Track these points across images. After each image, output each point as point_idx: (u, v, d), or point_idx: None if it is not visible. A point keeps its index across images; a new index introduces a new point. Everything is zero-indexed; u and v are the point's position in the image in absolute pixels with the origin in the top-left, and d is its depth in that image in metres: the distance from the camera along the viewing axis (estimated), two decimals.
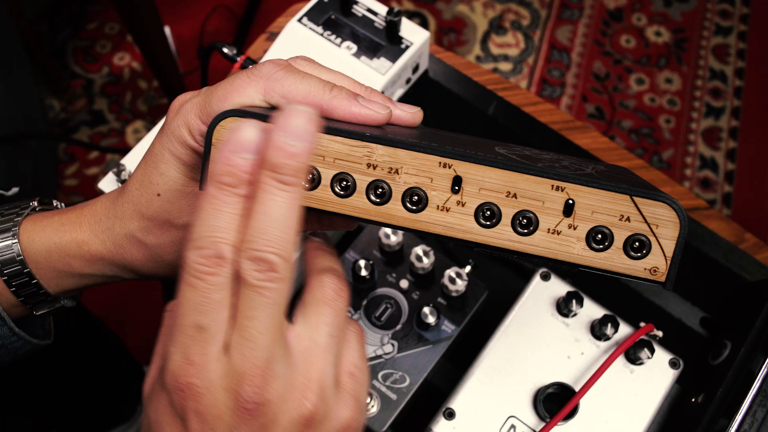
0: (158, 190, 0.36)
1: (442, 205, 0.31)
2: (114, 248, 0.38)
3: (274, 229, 0.27)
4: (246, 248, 0.27)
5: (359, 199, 0.31)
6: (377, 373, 0.54)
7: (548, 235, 0.30)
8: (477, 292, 0.58)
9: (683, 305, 0.63)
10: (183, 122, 0.34)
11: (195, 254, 0.27)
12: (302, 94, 0.33)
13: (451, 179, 0.30)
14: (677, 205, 0.29)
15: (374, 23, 0.66)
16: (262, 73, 0.33)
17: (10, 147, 0.93)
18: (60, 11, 1.79)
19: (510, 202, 0.30)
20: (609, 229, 0.30)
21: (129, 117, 1.68)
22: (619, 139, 1.65)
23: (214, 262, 0.27)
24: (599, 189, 0.29)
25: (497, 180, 0.30)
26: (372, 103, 0.34)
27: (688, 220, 0.29)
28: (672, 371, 0.53)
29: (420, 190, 0.31)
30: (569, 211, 0.30)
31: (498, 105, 0.73)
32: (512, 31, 1.81)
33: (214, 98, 0.33)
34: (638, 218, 0.29)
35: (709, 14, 1.85)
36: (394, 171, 0.31)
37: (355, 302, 0.58)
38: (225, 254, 0.27)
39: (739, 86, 1.75)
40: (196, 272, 0.27)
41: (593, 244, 0.30)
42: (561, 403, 0.50)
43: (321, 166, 0.31)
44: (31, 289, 0.40)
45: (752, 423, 0.49)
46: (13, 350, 0.43)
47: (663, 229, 0.29)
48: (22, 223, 0.40)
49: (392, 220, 0.31)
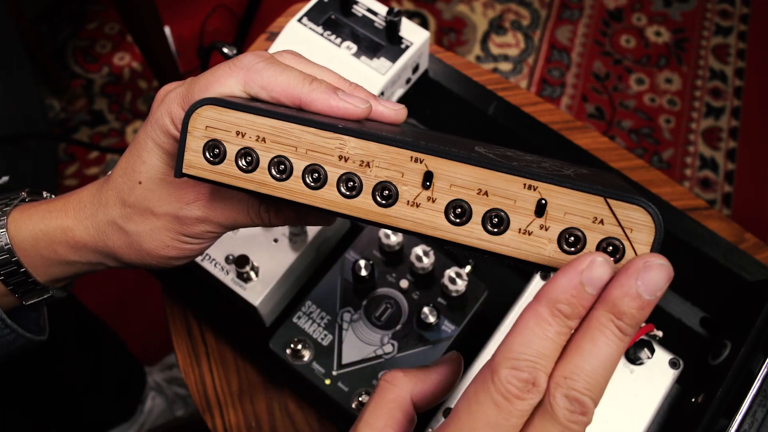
0: (140, 178, 0.36)
1: (413, 201, 0.30)
2: (97, 235, 0.39)
3: (599, 375, 0.26)
4: (565, 384, 0.26)
5: (330, 191, 0.31)
6: (377, 373, 0.54)
7: (519, 235, 0.29)
8: (477, 292, 0.58)
9: (683, 305, 0.63)
10: (166, 111, 0.35)
11: (511, 374, 0.26)
12: (281, 86, 0.33)
13: (422, 174, 0.30)
14: (653, 209, 0.28)
15: (374, 23, 0.66)
16: (243, 64, 0.34)
17: (10, 147, 0.93)
18: (60, 11, 1.79)
19: (481, 199, 0.29)
20: (582, 231, 0.29)
21: (129, 117, 1.68)
22: (619, 139, 1.65)
23: (527, 388, 0.26)
24: (572, 189, 0.28)
25: (469, 177, 0.29)
26: (351, 97, 0.34)
27: (663, 225, 0.28)
28: (672, 371, 0.53)
29: (391, 184, 0.30)
30: (541, 211, 0.29)
31: (498, 105, 0.73)
32: (512, 31, 1.81)
33: (196, 88, 0.34)
34: (612, 221, 0.28)
35: (709, 14, 1.85)
36: (366, 164, 0.30)
37: (355, 302, 0.58)
38: (540, 383, 0.26)
39: (739, 86, 1.75)
40: (507, 393, 0.26)
41: (565, 246, 0.29)
42: None
43: (293, 157, 0.31)
44: (20, 278, 0.40)
45: (752, 423, 0.49)
46: (5, 344, 0.43)
47: (637, 234, 0.28)
48: (10, 213, 0.40)
49: (362, 213, 0.31)
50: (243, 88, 0.34)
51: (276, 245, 0.60)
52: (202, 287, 0.64)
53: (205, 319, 0.66)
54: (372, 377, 0.54)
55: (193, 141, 0.32)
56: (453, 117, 0.73)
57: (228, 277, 0.59)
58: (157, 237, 0.37)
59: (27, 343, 0.44)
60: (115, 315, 1.39)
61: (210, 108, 0.31)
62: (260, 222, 0.37)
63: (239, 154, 0.31)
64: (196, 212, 0.36)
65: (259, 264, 0.59)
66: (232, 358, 0.65)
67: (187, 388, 0.73)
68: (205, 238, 0.38)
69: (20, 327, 0.43)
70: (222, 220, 0.37)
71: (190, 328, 0.67)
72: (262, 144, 0.31)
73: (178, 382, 1.23)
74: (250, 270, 0.58)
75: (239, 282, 0.58)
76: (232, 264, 0.59)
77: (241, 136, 0.31)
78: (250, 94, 0.34)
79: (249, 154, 0.31)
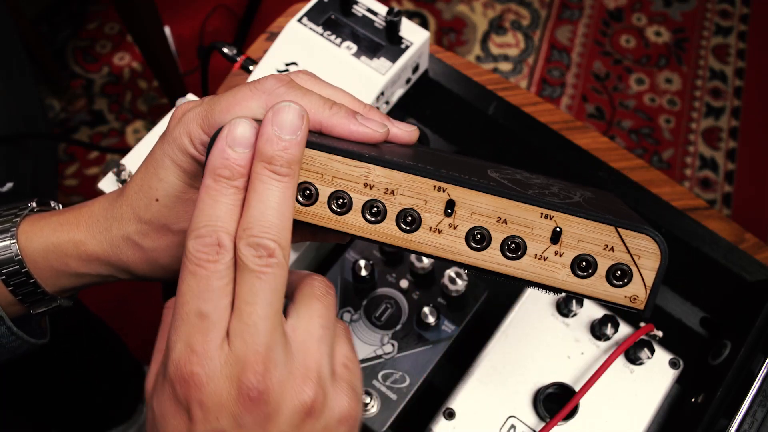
0: (157, 195, 0.37)
1: (435, 227, 0.32)
2: (110, 249, 0.39)
3: (271, 217, 0.28)
4: (245, 235, 0.28)
5: (355, 216, 0.32)
6: (377, 373, 0.54)
7: (535, 260, 0.31)
8: (477, 292, 0.58)
9: (683, 305, 0.63)
10: (185, 130, 0.35)
11: (195, 243, 0.28)
12: None
13: (445, 203, 0.31)
14: (659, 237, 0.30)
15: (374, 23, 0.66)
16: (265, 88, 0.34)
17: (10, 147, 0.93)
18: (60, 11, 1.79)
19: (500, 227, 0.31)
20: (593, 257, 0.31)
21: (129, 117, 1.68)
22: (619, 139, 1.65)
23: (215, 250, 0.28)
24: (586, 219, 0.30)
25: (489, 205, 0.31)
26: (370, 121, 0.35)
27: (669, 252, 0.30)
28: (672, 371, 0.53)
29: (414, 211, 0.32)
30: (556, 238, 0.31)
31: (498, 105, 0.73)
32: (512, 31, 1.81)
33: (216, 109, 0.34)
34: (622, 248, 0.31)
35: (709, 14, 1.85)
36: (390, 192, 0.31)
37: (355, 302, 0.58)
38: (224, 242, 0.28)
39: (739, 86, 1.75)
40: (198, 260, 0.28)
41: (578, 271, 0.31)
42: (561, 403, 0.50)
43: (319, 183, 0.32)
44: (29, 288, 0.40)
45: (752, 423, 0.49)
46: (11, 350, 0.43)
47: (645, 260, 0.30)
48: (20, 224, 0.40)
49: (386, 238, 0.32)
50: (265, 112, 0.34)
51: None
52: None
53: None
54: (372, 377, 0.54)
55: None
56: (453, 117, 0.73)
57: None
58: (173, 253, 0.38)
59: (30, 347, 0.45)
60: (116, 315, 1.39)
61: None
62: None
63: None
64: None
65: None
66: None
67: None
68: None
69: (23, 330, 0.43)
70: None
71: None
72: None
73: None
74: None
75: None
76: None
77: None
78: None
79: None
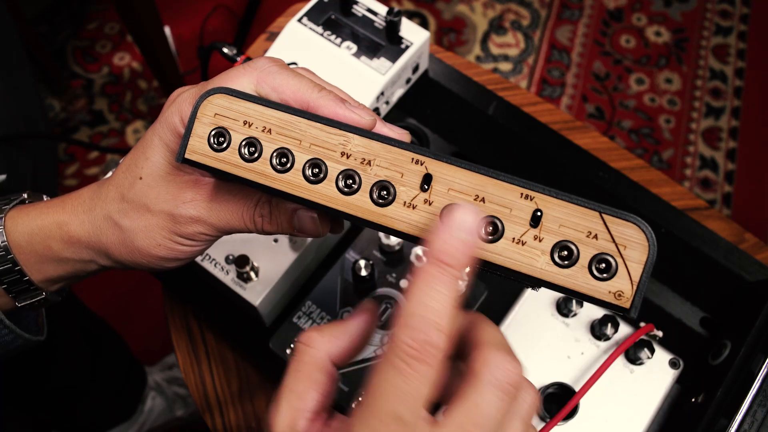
0: (141, 174, 0.37)
1: (409, 202, 0.30)
2: (91, 229, 0.39)
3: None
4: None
5: (328, 187, 0.31)
6: None
7: (513, 244, 0.29)
8: (477, 292, 0.58)
9: (683, 305, 0.63)
10: (176, 110, 0.35)
11: (405, 335, 0.26)
12: (292, 89, 0.34)
13: (422, 176, 0.30)
14: (647, 228, 0.28)
15: (374, 23, 0.66)
16: (257, 66, 0.35)
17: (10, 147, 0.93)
18: (60, 11, 1.79)
19: (478, 205, 0.29)
20: (575, 244, 0.28)
21: (129, 117, 1.68)
22: (619, 139, 1.65)
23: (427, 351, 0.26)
24: (569, 202, 0.28)
25: (467, 182, 0.29)
26: (357, 108, 0.35)
27: (657, 245, 0.28)
28: (672, 371, 0.53)
29: (389, 183, 0.30)
30: (536, 221, 0.29)
31: (498, 105, 0.73)
32: (512, 31, 1.81)
33: (209, 86, 0.35)
34: (606, 237, 0.28)
35: (709, 14, 1.85)
36: (367, 162, 0.31)
37: (355, 302, 0.58)
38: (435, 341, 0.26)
39: (739, 86, 1.75)
40: (406, 356, 0.26)
41: (557, 260, 0.29)
42: (561, 403, 0.50)
43: (296, 150, 0.31)
44: (15, 276, 0.40)
45: (752, 423, 0.49)
46: (4, 344, 0.43)
47: (631, 251, 0.28)
48: (8, 212, 0.41)
49: (358, 211, 0.31)
50: (255, 88, 0.35)
51: (276, 245, 0.60)
52: (202, 287, 0.64)
53: (205, 319, 0.66)
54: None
55: (200, 127, 0.33)
56: (453, 117, 0.73)
57: (228, 277, 0.59)
58: (150, 234, 0.38)
59: (25, 343, 0.45)
60: (116, 315, 1.39)
61: (222, 96, 0.32)
62: (253, 227, 0.38)
63: (243, 143, 0.32)
64: (191, 211, 0.37)
65: (259, 264, 0.59)
66: (232, 358, 0.65)
67: (187, 388, 0.73)
68: (197, 240, 0.38)
69: (19, 327, 0.43)
70: (216, 222, 0.37)
71: (190, 328, 0.67)
72: (267, 135, 0.32)
73: (178, 382, 1.23)
74: (250, 270, 0.58)
75: (239, 282, 0.58)
76: (232, 264, 0.59)
77: (248, 125, 0.32)
78: (261, 94, 0.35)
79: (253, 144, 0.32)
